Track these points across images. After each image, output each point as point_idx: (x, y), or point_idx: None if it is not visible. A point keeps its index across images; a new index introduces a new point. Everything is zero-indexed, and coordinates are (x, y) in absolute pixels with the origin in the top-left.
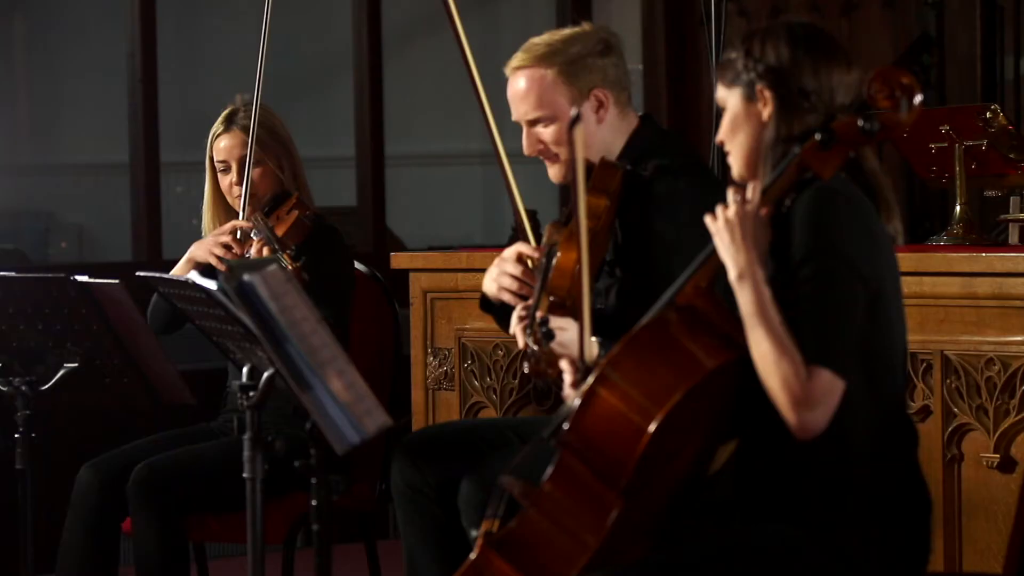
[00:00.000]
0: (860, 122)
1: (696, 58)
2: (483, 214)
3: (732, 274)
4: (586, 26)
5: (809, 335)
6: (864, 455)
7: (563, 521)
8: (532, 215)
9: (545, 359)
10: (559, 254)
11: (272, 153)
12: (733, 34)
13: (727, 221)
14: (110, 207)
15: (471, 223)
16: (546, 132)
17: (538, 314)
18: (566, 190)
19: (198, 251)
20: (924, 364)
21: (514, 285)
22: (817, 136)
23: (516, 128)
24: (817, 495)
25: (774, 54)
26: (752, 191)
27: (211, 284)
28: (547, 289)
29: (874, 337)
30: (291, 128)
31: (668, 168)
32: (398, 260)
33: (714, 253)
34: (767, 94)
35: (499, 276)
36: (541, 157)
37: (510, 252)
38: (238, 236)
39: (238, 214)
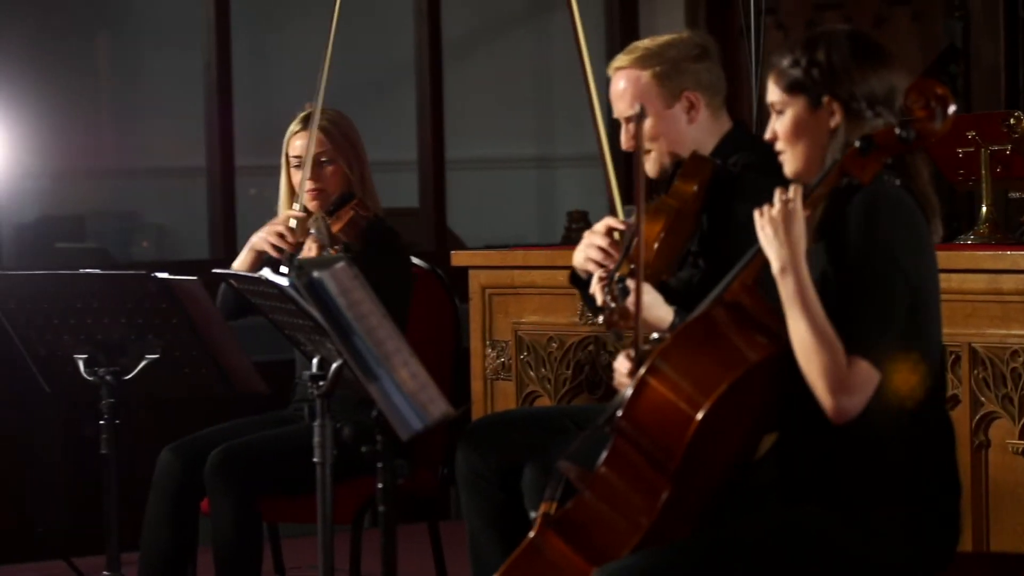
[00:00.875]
0: (898, 131)
1: (736, 67)
2: (537, 214)
3: (775, 268)
4: (684, 32)
5: (852, 327)
6: (899, 443)
7: (616, 503)
8: (584, 214)
9: (619, 313)
10: (644, 226)
11: (343, 154)
12: (771, 45)
13: (771, 219)
14: (189, 208)
15: (526, 223)
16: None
17: (616, 274)
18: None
19: (256, 241)
20: (953, 356)
21: (599, 256)
22: (857, 144)
23: (571, 127)
24: (853, 480)
25: (840, 63)
26: (794, 191)
27: (283, 281)
28: (629, 257)
29: (913, 332)
30: None
31: (756, 166)
32: (458, 258)
33: (760, 251)
34: (835, 105)
35: (587, 247)
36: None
37: (600, 225)
38: (292, 225)
39: (309, 211)
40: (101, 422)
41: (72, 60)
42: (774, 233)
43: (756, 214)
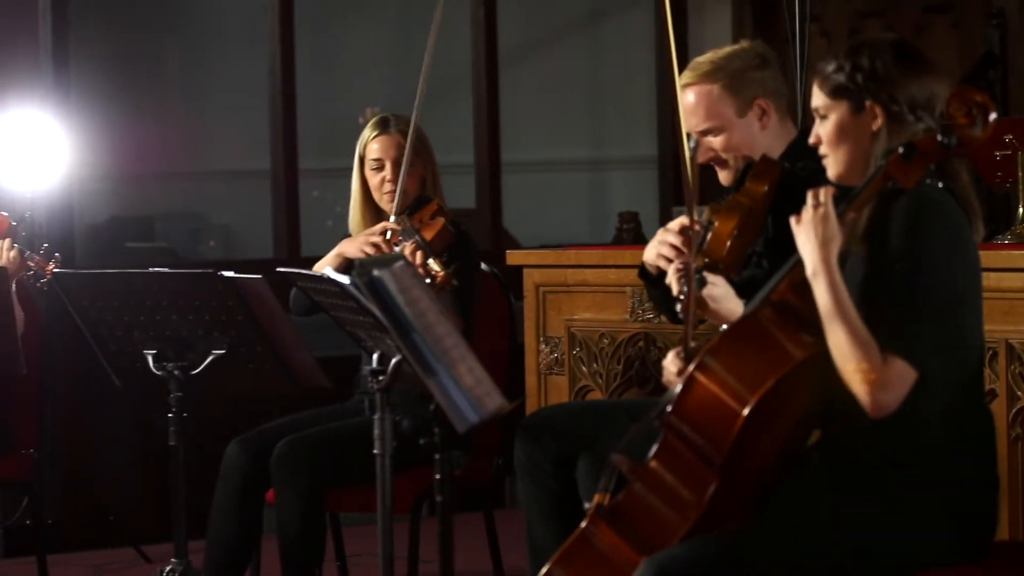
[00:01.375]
0: (939, 137)
1: (782, 73)
2: (589, 215)
3: (808, 270)
4: (744, 43)
5: (889, 326)
6: (940, 437)
7: (666, 495)
8: (635, 215)
9: (697, 303)
10: (716, 223)
11: (422, 157)
12: (815, 51)
13: (804, 223)
14: (254, 209)
15: (578, 223)
16: (716, 141)
17: (693, 265)
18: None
19: (349, 248)
20: (990, 352)
21: (671, 253)
22: (900, 150)
23: (622, 131)
24: (895, 472)
25: (883, 69)
26: (824, 194)
27: (344, 279)
28: (704, 251)
29: (955, 329)
30: None
31: (823, 171)
32: (513, 257)
33: None
34: (877, 110)
35: (660, 244)
36: (713, 163)
37: (674, 224)
38: (387, 236)
39: (382, 212)
40: (169, 415)
41: (142, 66)
42: (807, 237)
43: (792, 219)
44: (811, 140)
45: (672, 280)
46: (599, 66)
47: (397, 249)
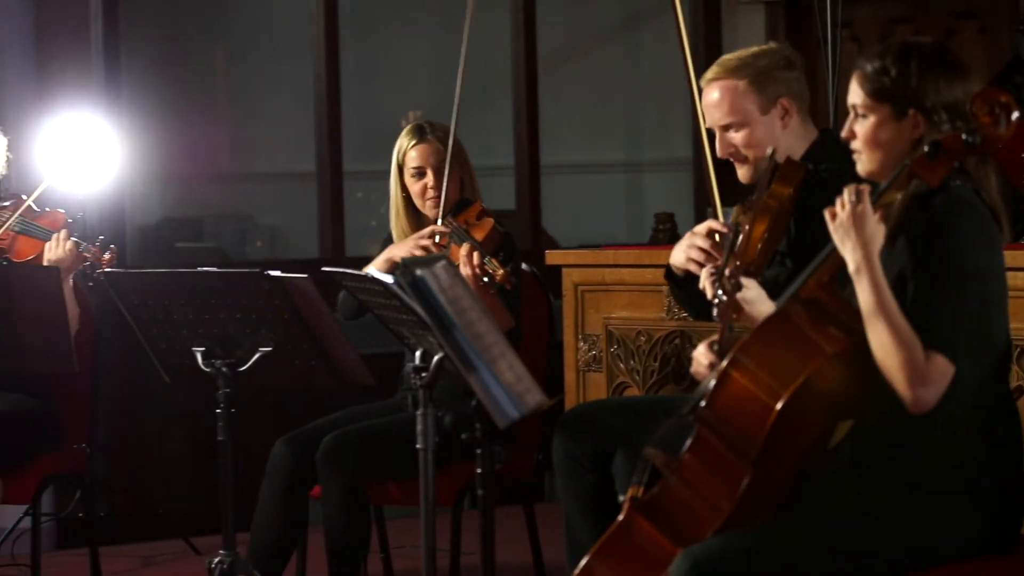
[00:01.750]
0: (964, 136)
1: (813, 77)
2: (626, 216)
3: (850, 268)
4: (772, 44)
5: (928, 323)
6: (967, 431)
7: (700, 488)
8: (670, 216)
9: (732, 306)
10: (747, 226)
11: (459, 162)
12: (846, 56)
13: (842, 221)
14: (300, 210)
15: (615, 224)
16: (737, 136)
17: (727, 270)
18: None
19: (399, 252)
20: (1018, 349)
21: (701, 256)
22: (925, 148)
23: (659, 133)
24: (924, 465)
25: (931, 79)
26: (863, 192)
27: (387, 278)
28: (736, 255)
29: (984, 327)
30: None
31: (845, 172)
32: (552, 257)
33: (834, 251)
34: (920, 119)
35: (688, 248)
36: (732, 159)
37: (701, 227)
38: (436, 239)
39: (423, 217)
40: (217, 411)
41: (192, 73)
42: (846, 235)
43: (827, 216)
44: (843, 134)
45: (706, 285)
46: (635, 71)
47: (460, 248)
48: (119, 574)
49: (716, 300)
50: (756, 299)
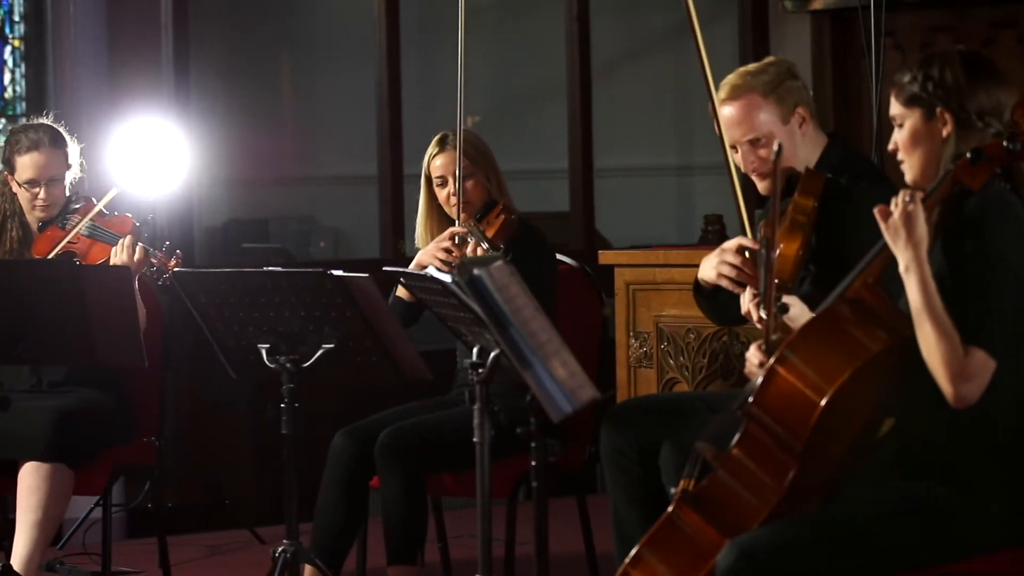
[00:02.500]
0: (1005, 143)
1: (858, 84)
2: (676, 218)
3: (901, 267)
4: (770, 58)
5: (969, 320)
6: (1006, 425)
7: (747, 481)
8: (719, 217)
9: (780, 328)
10: (781, 244)
11: (481, 168)
12: (889, 63)
13: (894, 222)
14: (362, 212)
15: (666, 225)
16: (765, 152)
17: (769, 292)
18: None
19: (424, 257)
20: None
21: (733, 272)
22: (968, 155)
23: (708, 138)
24: (964, 458)
25: (952, 79)
26: (913, 195)
27: (446, 278)
28: (772, 274)
29: (1021, 324)
30: (511, 144)
31: (863, 178)
32: (605, 257)
33: (881, 252)
34: (947, 116)
35: (719, 264)
36: (754, 174)
37: (731, 244)
38: (456, 240)
39: (451, 222)
40: (281, 405)
41: (258, 78)
42: (897, 235)
43: (878, 216)
44: (889, 147)
45: (751, 308)
46: (685, 78)
47: (468, 252)
48: (186, 563)
49: (763, 321)
50: (799, 315)
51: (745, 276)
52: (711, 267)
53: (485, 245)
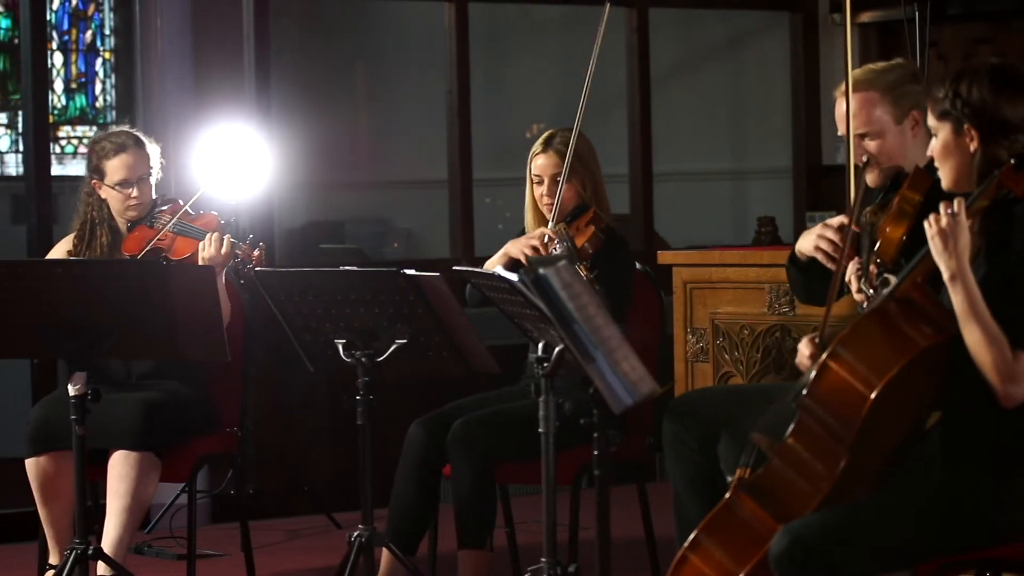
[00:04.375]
0: None
1: None
2: (731, 220)
3: (945, 276)
4: (899, 60)
5: (1017, 325)
6: None
7: (801, 469)
8: (771, 219)
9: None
10: (888, 228)
11: (578, 174)
12: (933, 73)
13: (940, 231)
14: (433, 214)
15: (721, 227)
16: (872, 145)
17: (872, 267)
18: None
19: (512, 248)
20: None
21: (830, 247)
22: (1012, 161)
23: (761, 144)
24: (1006, 450)
25: (979, 95)
26: (957, 206)
27: (513, 277)
28: (876, 253)
29: None
30: None
31: None
32: (664, 257)
33: (927, 255)
34: (973, 132)
35: (819, 238)
36: (863, 164)
37: (835, 220)
38: (544, 241)
39: (546, 219)
40: (357, 397)
41: (335, 88)
42: (944, 245)
43: (926, 226)
44: (928, 153)
45: (852, 279)
46: (740, 86)
47: (556, 251)
48: (267, 546)
49: (861, 292)
50: None
51: (841, 252)
52: (810, 240)
53: (575, 256)
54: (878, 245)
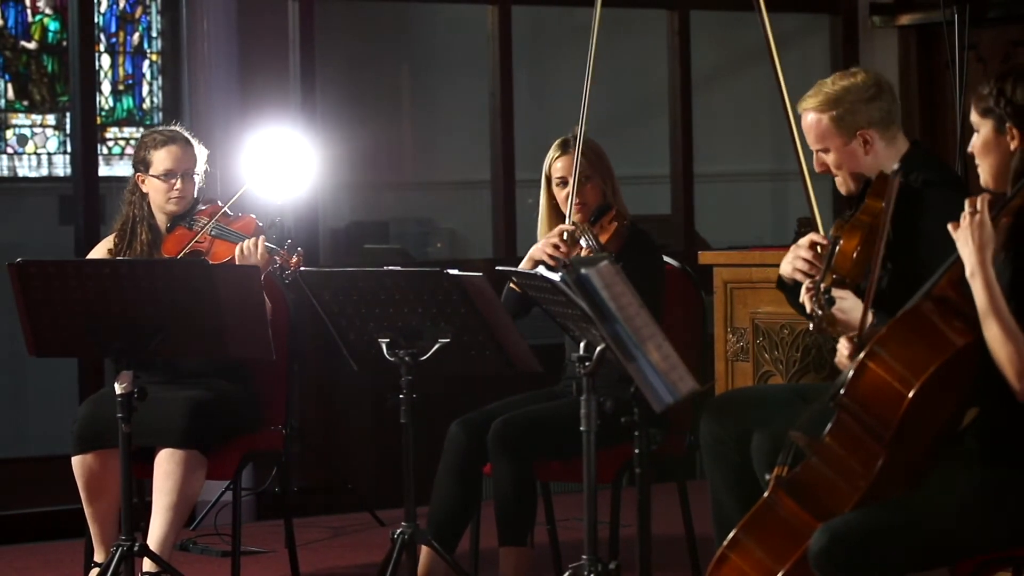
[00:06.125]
0: None
1: (943, 93)
2: (772, 219)
3: (967, 272)
4: (860, 75)
5: None
6: None
7: (839, 468)
8: (812, 220)
9: (826, 320)
10: (842, 242)
11: (598, 172)
12: (972, 75)
13: (963, 228)
14: (476, 215)
15: (762, 227)
16: (828, 158)
17: (822, 285)
18: (839, 200)
19: (535, 252)
20: None
21: (805, 266)
22: None
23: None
24: None
25: (1021, 96)
26: (981, 202)
27: (555, 276)
28: (832, 268)
29: None
30: (616, 151)
31: (935, 181)
32: (704, 257)
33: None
34: (1015, 132)
35: (793, 259)
36: (830, 174)
37: (804, 240)
38: (564, 237)
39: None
40: (401, 396)
41: (379, 90)
42: (965, 241)
43: (951, 225)
44: (969, 149)
45: (805, 299)
46: (776, 91)
47: (583, 251)
48: (311, 543)
49: (813, 314)
50: (851, 308)
51: (817, 270)
52: (788, 263)
53: (594, 244)
54: (834, 259)
